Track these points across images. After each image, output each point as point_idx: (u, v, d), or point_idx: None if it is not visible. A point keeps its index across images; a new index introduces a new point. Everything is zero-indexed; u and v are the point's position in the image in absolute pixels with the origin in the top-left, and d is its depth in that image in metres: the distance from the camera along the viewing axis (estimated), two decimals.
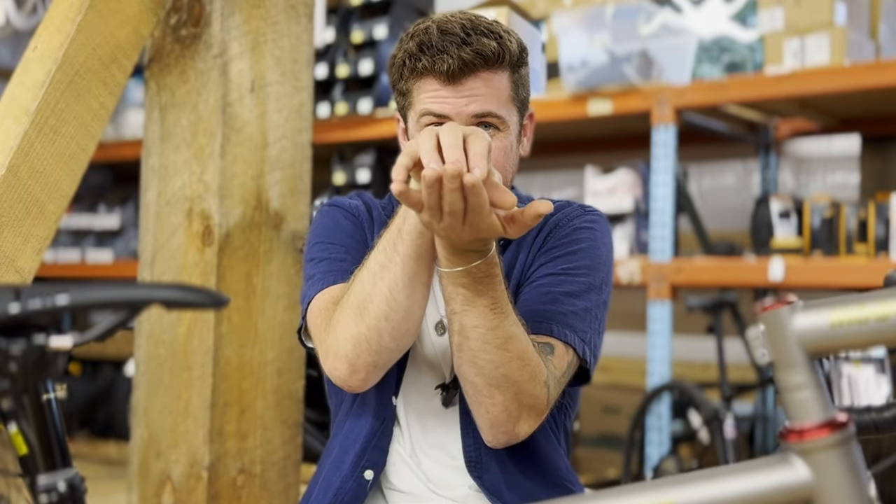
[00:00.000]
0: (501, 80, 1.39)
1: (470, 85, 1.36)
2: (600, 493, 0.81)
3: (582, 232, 1.49)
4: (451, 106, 1.36)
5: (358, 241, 1.50)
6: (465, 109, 1.36)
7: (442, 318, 1.44)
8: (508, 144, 1.42)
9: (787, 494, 0.79)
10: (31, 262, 1.55)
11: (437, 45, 1.34)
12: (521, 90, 1.45)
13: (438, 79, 1.36)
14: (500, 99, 1.39)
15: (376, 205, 1.58)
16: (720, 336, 3.55)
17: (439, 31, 1.35)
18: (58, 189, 1.58)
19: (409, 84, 1.40)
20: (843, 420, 0.79)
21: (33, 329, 0.81)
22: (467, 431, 1.43)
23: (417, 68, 1.36)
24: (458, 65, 1.33)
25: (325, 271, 1.47)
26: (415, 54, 1.36)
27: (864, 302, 0.75)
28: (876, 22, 3.68)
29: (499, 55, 1.36)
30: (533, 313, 1.40)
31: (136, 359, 1.88)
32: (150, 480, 1.82)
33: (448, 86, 1.36)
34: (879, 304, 0.74)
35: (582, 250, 1.47)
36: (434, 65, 1.34)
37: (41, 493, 0.84)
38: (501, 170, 1.34)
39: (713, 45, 4.47)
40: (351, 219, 1.54)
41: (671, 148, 3.61)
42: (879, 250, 3.31)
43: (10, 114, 1.56)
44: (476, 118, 1.37)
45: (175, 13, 1.84)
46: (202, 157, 1.81)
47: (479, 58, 1.34)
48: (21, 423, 0.84)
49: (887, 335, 0.74)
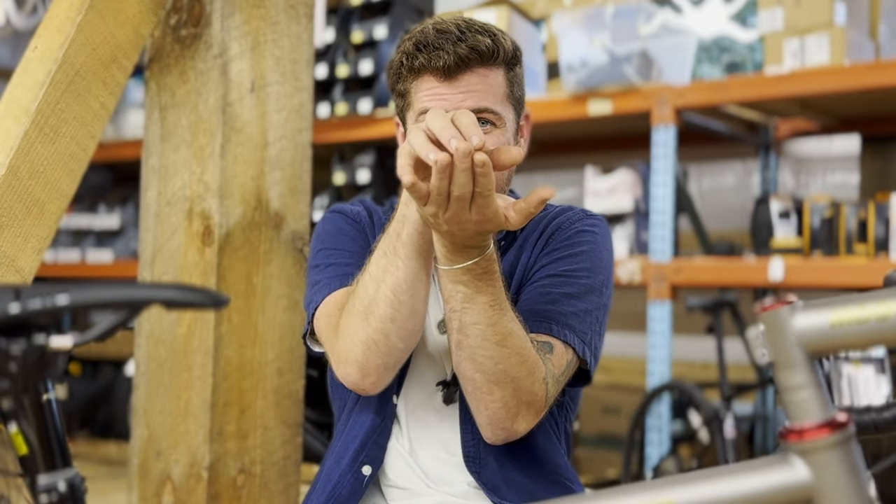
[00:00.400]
0: (497, 77, 1.40)
1: (466, 81, 1.37)
2: (600, 493, 0.81)
3: (583, 235, 1.50)
4: (448, 102, 1.36)
5: (361, 245, 1.52)
6: (461, 105, 1.36)
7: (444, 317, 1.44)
8: (505, 141, 1.42)
9: (786, 494, 0.79)
10: (31, 262, 1.55)
11: (434, 42, 1.36)
12: (516, 89, 1.45)
13: (435, 75, 1.38)
14: (496, 95, 1.40)
15: (377, 211, 1.60)
16: (720, 336, 3.55)
17: (435, 30, 1.37)
18: (58, 189, 1.59)
19: (407, 84, 1.42)
20: (842, 420, 0.79)
21: (33, 329, 0.81)
22: (466, 428, 1.45)
23: (415, 66, 1.38)
24: (453, 60, 1.35)
25: (330, 276, 1.48)
26: (412, 53, 1.38)
27: (863, 302, 0.75)
28: (876, 22, 3.68)
29: (493, 51, 1.37)
30: (533, 313, 1.41)
31: (136, 359, 1.88)
32: (151, 480, 1.82)
33: (444, 82, 1.37)
34: (879, 305, 0.74)
35: (583, 253, 1.48)
36: (430, 61, 1.36)
37: (41, 492, 0.84)
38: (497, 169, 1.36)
39: (713, 45, 4.48)
40: (354, 224, 1.56)
41: (671, 148, 3.61)
42: (879, 250, 3.32)
43: (11, 114, 1.56)
44: None
45: (175, 13, 1.84)
46: (202, 157, 1.81)
47: (474, 53, 1.36)
48: (21, 422, 0.84)
49: (887, 335, 0.74)
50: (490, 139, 1.34)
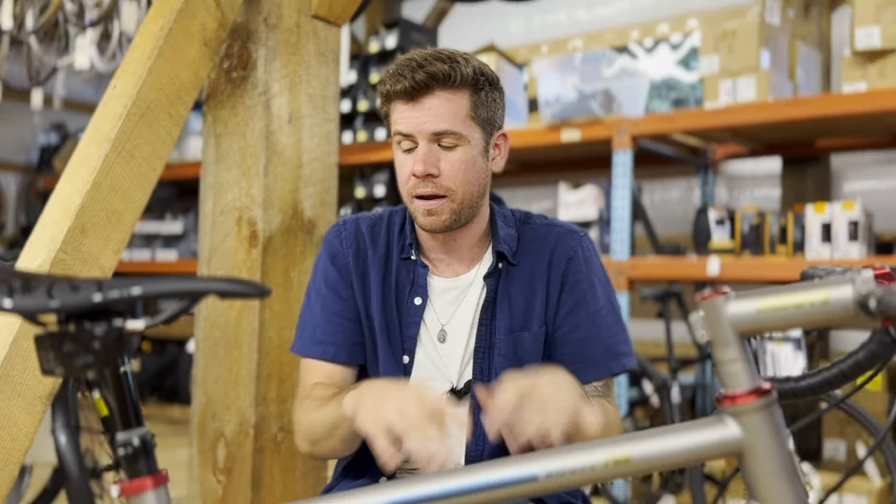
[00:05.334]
0: (461, 100, 1.27)
1: (429, 104, 1.26)
2: (572, 447, 0.81)
3: (592, 261, 1.38)
4: (412, 124, 1.26)
5: (343, 287, 1.37)
6: (424, 127, 1.26)
7: (443, 327, 1.35)
8: (469, 158, 1.29)
9: (722, 448, 0.79)
10: (111, 260, 1.55)
11: (398, 70, 1.27)
12: (483, 110, 1.30)
13: (402, 100, 1.27)
14: (458, 116, 1.27)
15: (366, 227, 1.41)
16: (668, 320, 3.56)
17: (402, 60, 1.29)
18: (133, 201, 1.58)
19: (387, 108, 1.32)
20: (767, 388, 0.79)
21: (113, 314, 0.81)
22: (474, 430, 1.30)
23: (386, 92, 1.29)
24: (411, 84, 1.25)
25: (323, 329, 1.36)
26: (385, 80, 1.29)
27: (784, 293, 0.75)
28: (794, 66, 3.68)
29: (449, 76, 1.25)
30: (592, 361, 1.32)
31: (195, 338, 1.88)
32: (208, 437, 1.82)
33: (409, 104, 1.26)
34: (796, 295, 0.74)
35: (595, 275, 1.37)
36: (395, 86, 1.26)
37: (119, 447, 0.84)
38: (462, 181, 1.28)
39: (662, 84, 4.48)
40: (336, 265, 1.39)
41: (628, 168, 3.61)
42: (797, 251, 3.32)
43: (94, 140, 1.56)
44: (434, 136, 1.27)
45: (227, 59, 1.84)
46: (249, 175, 1.81)
47: (430, 79, 1.24)
48: (103, 390, 0.84)
49: (802, 319, 0.74)
50: (452, 156, 1.27)
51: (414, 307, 1.34)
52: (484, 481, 0.81)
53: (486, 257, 1.37)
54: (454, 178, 1.28)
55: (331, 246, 1.39)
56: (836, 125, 3.47)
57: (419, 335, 1.34)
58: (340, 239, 1.39)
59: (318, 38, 1.90)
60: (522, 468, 0.80)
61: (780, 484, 0.76)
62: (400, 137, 1.29)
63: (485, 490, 0.81)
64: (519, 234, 1.38)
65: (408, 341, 1.34)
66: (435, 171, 1.27)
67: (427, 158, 1.26)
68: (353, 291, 1.36)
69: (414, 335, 1.34)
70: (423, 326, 1.34)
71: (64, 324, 0.81)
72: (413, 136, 1.28)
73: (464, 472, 0.81)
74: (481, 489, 0.81)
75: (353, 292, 1.36)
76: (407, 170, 1.29)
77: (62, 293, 0.80)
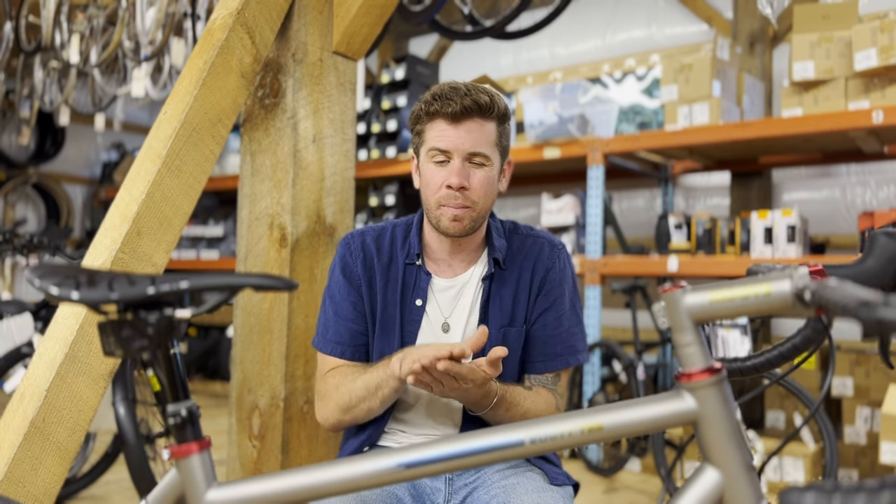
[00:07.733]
0: (490, 128, 1.29)
1: (467, 126, 1.27)
2: (551, 417, 0.81)
3: (566, 271, 1.39)
4: (452, 142, 1.27)
5: (352, 293, 1.38)
6: (462, 147, 1.27)
7: (446, 320, 1.35)
8: (492, 177, 1.31)
9: (679, 418, 0.79)
10: (162, 259, 1.55)
11: (447, 94, 1.27)
12: (503, 139, 1.33)
13: (445, 119, 1.28)
14: (488, 142, 1.29)
15: (371, 239, 1.41)
16: (634, 309, 3.56)
17: (449, 87, 1.29)
18: (181, 209, 1.58)
19: (423, 125, 1.31)
20: (718, 367, 0.79)
21: (164, 305, 0.81)
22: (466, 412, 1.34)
23: (430, 111, 1.29)
24: (459, 108, 1.26)
25: (334, 331, 1.38)
26: (430, 101, 1.29)
27: (732, 286, 0.75)
28: (741, 94, 3.68)
29: (489, 107, 1.28)
30: (552, 354, 1.35)
31: (234, 325, 1.88)
32: (244, 408, 1.82)
33: (451, 125, 1.27)
34: (743, 288, 0.74)
35: (566, 283, 1.39)
36: (443, 107, 1.27)
37: (169, 416, 0.84)
38: (483, 195, 1.30)
39: (629, 110, 4.48)
40: (347, 276, 1.39)
41: (600, 181, 3.61)
42: (743, 251, 3.32)
43: (148, 157, 1.56)
44: (469, 155, 1.28)
45: (261, 88, 1.84)
46: (280, 187, 1.81)
47: (475, 105, 1.26)
48: (156, 369, 0.84)
49: (748, 308, 0.74)
50: (479, 173, 1.29)
51: (415, 307, 1.35)
52: (478, 446, 0.81)
53: (481, 261, 1.38)
54: (478, 193, 1.29)
55: (341, 257, 1.40)
56: (777, 145, 3.48)
57: (423, 330, 1.34)
58: (350, 250, 1.40)
59: (338, 71, 1.90)
60: (511, 435, 0.80)
61: (730, 448, 0.76)
62: (435, 152, 1.29)
63: (479, 454, 0.81)
64: (508, 242, 1.40)
65: (408, 336, 1.34)
66: (467, 184, 1.28)
67: (462, 173, 1.28)
68: (362, 297, 1.37)
69: (415, 331, 1.34)
70: (427, 322, 1.34)
71: (122, 313, 0.81)
72: (450, 153, 1.28)
73: (460, 438, 0.81)
74: (477, 453, 0.81)
75: (362, 297, 1.37)
76: (439, 180, 1.29)
77: (121, 287, 0.80)
